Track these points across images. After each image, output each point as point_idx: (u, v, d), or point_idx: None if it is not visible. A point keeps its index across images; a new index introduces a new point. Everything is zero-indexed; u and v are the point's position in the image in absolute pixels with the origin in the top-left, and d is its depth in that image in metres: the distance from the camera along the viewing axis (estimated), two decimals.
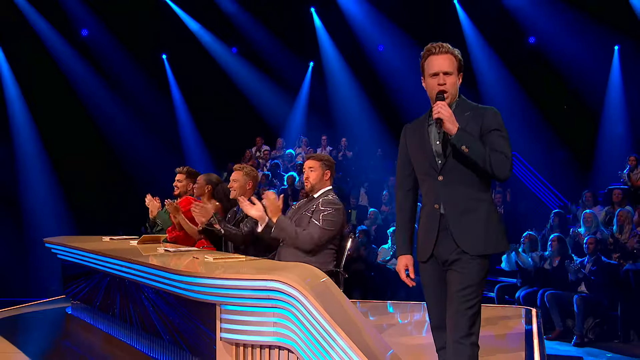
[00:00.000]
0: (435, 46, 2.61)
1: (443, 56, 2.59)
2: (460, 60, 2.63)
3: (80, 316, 4.89)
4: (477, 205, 2.55)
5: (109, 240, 5.02)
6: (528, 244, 6.83)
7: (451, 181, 2.56)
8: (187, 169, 5.34)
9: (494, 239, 2.55)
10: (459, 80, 2.62)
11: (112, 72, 12.05)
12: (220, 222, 4.23)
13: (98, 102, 11.88)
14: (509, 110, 11.23)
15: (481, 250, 2.52)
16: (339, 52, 12.69)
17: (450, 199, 2.56)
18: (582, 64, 10.59)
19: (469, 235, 2.53)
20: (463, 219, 2.54)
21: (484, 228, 2.53)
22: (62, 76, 11.70)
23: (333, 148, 11.72)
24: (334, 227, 3.72)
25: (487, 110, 2.59)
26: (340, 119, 12.57)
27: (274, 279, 2.88)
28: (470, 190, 2.56)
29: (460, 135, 2.47)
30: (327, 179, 3.90)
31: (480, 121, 2.55)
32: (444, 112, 2.49)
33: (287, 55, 12.53)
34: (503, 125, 2.55)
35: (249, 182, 4.49)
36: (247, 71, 12.82)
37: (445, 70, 2.58)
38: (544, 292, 6.32)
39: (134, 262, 3.62)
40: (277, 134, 12.59)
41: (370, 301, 6.41)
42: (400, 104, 11.15)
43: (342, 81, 12.72)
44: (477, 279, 2.51)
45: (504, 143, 2.52)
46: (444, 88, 2.57)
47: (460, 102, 2.64)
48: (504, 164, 2.48)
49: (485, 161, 2.47)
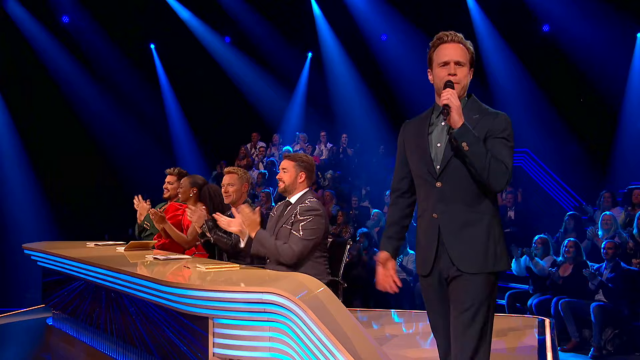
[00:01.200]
0: (447, 34, 2.55)
1: (455, 45, 2.53)
2: (473, 53, 2.57)
3: (62, 328, 4.88)
4: (478, 219, 2.46)
5: (94, 246, 5.02)
6: (541, 248, 6.82)
7: (450, 189, 2.48)
8: (178, 170, 5.36)
9: (492, 257, 2.45)
10: (470, 74, 2.56)
11: (96, 63, 12.04)
12: (212, 229, 4.23)
13: (81, 96, 11.86)
14: (520, 104, 11.26)
15: (477, 268, 2.43)
16: (339, 41, 12.70)
17: (447, 210, 2.48)
18: (601, 53, 10.53)
19: (465, 252, 2.44)
20: (461, 233, 2.46)
21: (483, 244, 2.45)
22: (41, 67, 11.66)
23: (333, 144, 11.72)
24: (316, 235, 3.71)
25: (498, 116, 2.51)
26: (341, 113, 12.59)
27: (269, 291, 2.89)
28: (471, 201, 2.47)
29: (464, 131, 2.39)
30: (302, 180, 3.89)
31: (487, 126, 2.48)
32: (453, 100, 2.41)
33: (284, 46, 12.53)
34: (511, 135, 2.48)
35: (245, 184, 4.49)
36: (241, 62, 12.85)
37: (457, 60, 2.51)
38: (558, 300, 6.30)
39: (120, 271, 3.61)
40: (273, 130, 12.58)
41: (372, 310, 6.41)
42: (404, 98, 11.15)
43: (342, 73, 12.73)
44: (481, 297, 2.43)
45: (507, 153, 2.44)
46: (454, 79, 2.49)
47: (470, 102, 2.57)
48: (502, 175, 2.40)
49: (484, 167, 2.38)
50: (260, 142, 12.13)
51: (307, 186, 3.92)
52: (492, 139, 2.46)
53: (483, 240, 2.46)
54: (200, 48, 12.67)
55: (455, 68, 2.51)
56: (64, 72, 11.84)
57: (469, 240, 2.45)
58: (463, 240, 2.46)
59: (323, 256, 3.84)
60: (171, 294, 3.15)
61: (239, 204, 4.55)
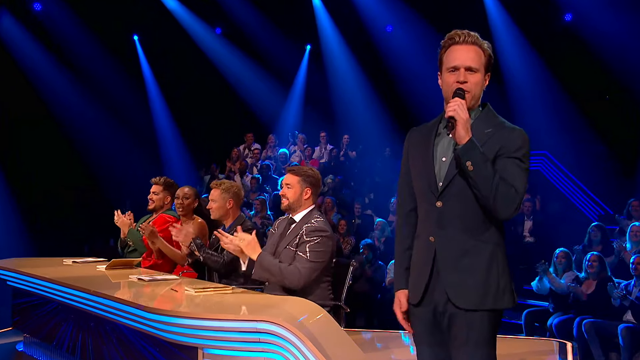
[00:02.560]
0: (459, 34, 2.45)
1: (468, 47, 2.43)
2: (490, 56, 2.47)
3: (34, 354, 4.86)
4: (480, 247, 2.38)
5: (72, 263, 5.01)
6: (562, 262, 6.81)
7: (451, 211, 2.40)
8: (164, 179, 5.36)
9: (493, 292, 2.37)
10: (485, 81, 2.47)
11: (73, 57, 11.95)
12: (200, 247, 4.24)
13: (56, 93, 11.77)
14: (539, 101, 11.24)
15: (474, 304, 2.35)
16: (341, 33, 12.68)
17: (445, 234, 2.40)
18: (629, 46, 10.45)
19: (462, 284, 2.36)
20: (459, 262, 2.37)
21: (483, 278, 2.36)
22: (9, 62, 11.51)
23: (334, 146, 11.72)
24: (323, 258, 3.72)
25: (514, 131, 2.42)
26: (342, 112, 12.58)
27: (264, 320, 2.88)
28: (474, 226, 2.39)
29: (469, 148, 2.30)
30: (307, 197, 3.90)
31: (501, 142, 2.39)
32: (460, 112, 2.31)
33: (280, 38, 12.51)
34: (527, 155, 2.39)
35: (229, 200, 4.51)
36: (233, 56, 12.82)
37: (468, 65, 2.42)
38: (581, 320, 6.29)
39: (100, 295, 3.61)
40: (268, 130, 12.57)
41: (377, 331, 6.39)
42: (412, 95, 11.14)
43: (344, 68, 12.71)
44: (483, 339, 2.37)
45: (519, 175, 2.35)
46: (464, 87, 2.41)
47: (484, 114, 2.49)
48: (510, 202, 2.31)
49: (490, 190, 2.29)
50: (255, 144, 12.13)
51: (313, 203, 3.93)
52: (504, 158, 2.37)
53: (484, 272, 2.37)
54: (188, 40, 12.63)
55: (465, 75, 2.42)
56: (36, 67, 11.74)
57: (467, 270, 2.37)
58: (461, 270, 2.37)
59: (327, 280, 3.85)
60: (157, 322, 3.15)
61: (227, 220, 4.56)
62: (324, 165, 11.38)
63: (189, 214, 5.02)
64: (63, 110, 11.79)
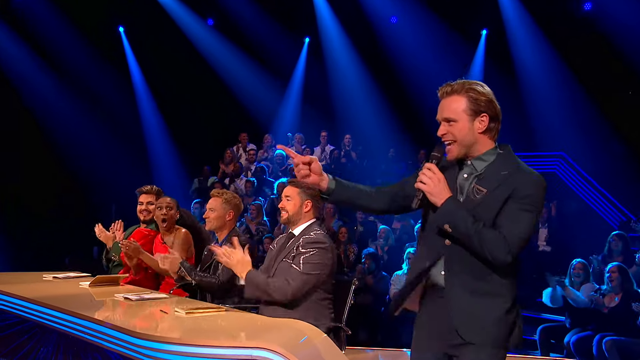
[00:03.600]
0: (439, 89, 2.67)
1: (445, 100, 2.65)
2: (477, 99, 2.60)
3: None
4: (489, 289, 2.58)
5: (52, 279, 4.97)
6: (581, 275, 6.79)
7: (461, 251, 2.58)
8: (155, 188, 5.41)
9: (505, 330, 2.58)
10: (478, 123, 2.61)
11: (53, 51, 11.94)
12: (191, 271, 4.24)
13: (35, 91, 11.77)
14: (554, 98, 11.23)
15: (486, 340, 2.57)
16: (342, 25, 12.65)
17: (454, 276, 2.60)
18: None
19: (473, 320, 2.57)
20: (472, 299, 2.58)
21: (495, 318, 2.57)
22: None
23: (335, 147, 11.70)
24: (318, 270, 3.73)
25: (528, 176, 2.58)
26: (343, 110, 12.57)
27: (260, 347, 2.85)
28: (485, 267, 2.56)
29: (446, 211, 2.51)
30: (307, 210, 3.93)
31: (514, 185, 2.55)
32: (427, 181, 2.55)
33: (277, 30, 12.50)
34: (536, 201, 2.54)
35: (230, 211, 4.52)
36: (226, 49, 12.80)
37: (444, 117, 2.64)
38: (601, 337, 6.28)
39: (83, 317, 3.57)
40: (264, 130, 12.58)
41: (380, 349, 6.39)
42: (418, 92, 11.08)
43: (345, 62, 12.70)
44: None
45: (517, 219, 2.51)
46: (444, 139, 2.64)
47: (502, 156, 2.64)
48: (497, 245, 2.48)
49: (475, 243, 2.49)
50: (250, 144, 12.11)
51: (314, 216, 3.97)
52: (511, 201, 2.54)
53: (496, 313, 2.57)
54: (177, 32, 12.63)
55: (443, 127, 2.64)
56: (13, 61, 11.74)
57: (478, 308, 2.57)
58: (472, 306, 2.57)
59: (327, 298, 3.85)
60: (144, 348, 3.12)
61: (222, 233, 4.55)
62: (324, 167, 11.25)
63: (172, 225, 5.03)
64: (42, 109, 11.78)
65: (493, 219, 2.54)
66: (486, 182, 2.59)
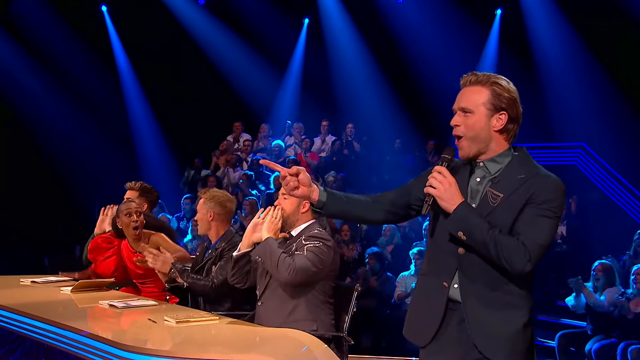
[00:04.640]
0: (463, 77, 2.66)
1: (465, 89, 2.64)
2: (500, 95, 2.58)
3: None
4: (506, 300, 2.59)
5: (30, 283, 4.96)
6: (602, 277, 6.76)
7: (476, 259, 2.58)
8: (140, 184, 5.40)
9: (522, 348, 2.60)
10: (495, 121, 2.59)
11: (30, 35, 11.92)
12: (183, 272, 4.22)
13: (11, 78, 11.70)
14: (575, 85, 11.20)
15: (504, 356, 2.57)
16: (344, 5, 12.64)
17: (469, 284, 2.60)
18: None
19: (491, 334, 2.58)
20: (487, 311, 2.59)
21: (513, 332, 2.58)
22: None
23: (336, 137, 11.70)
24: (320, 263, 3.74)
25: (547, 180, 2.57)
26: (345, 97, 12.58)
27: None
28: (501, 276, 2.57)
29: (460, 217, 2.50)
30: (305, 210, 3.94)
31: (532, 189, 2.54)
32: (437, 185, 2.54)
33: (274, 10, 12.47)
34: (556, 206, 2.54)
35: (210, 212, 4.52)
36: (218, 32, 12.79)
37: (460, 106, 2.61)
38: (626, 345, 6.28)
39: (64, 327, 3.56)
40: (260, 119, 12.61)
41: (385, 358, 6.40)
42: (426, 78, 11.13)
43: (347, 46, 12.68)
44: None
45: (535, 224, 2.51)
46: (455, 132, 2.62)
47: (517, 159, 2.62)
48: (515, 251, 2.48)
49: (491, 250, 2.49)
50: (245, 134, 12.11)
51: (313, 217, 3.98)
52: (529, 206, 2.53)
53: (512, 328, 2.58)
54: (166, 13, 12.59)
55: (458, 117, 2.62)
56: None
57: (495, 322, 2.58)
58: (489, 320, 2.58)
59: (328, 302, 3.87)
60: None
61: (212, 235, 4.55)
62: (325, 160, 11.38)
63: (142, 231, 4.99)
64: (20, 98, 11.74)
65: (510, 226, 2.54)
66: (502, 186, 2.58)
